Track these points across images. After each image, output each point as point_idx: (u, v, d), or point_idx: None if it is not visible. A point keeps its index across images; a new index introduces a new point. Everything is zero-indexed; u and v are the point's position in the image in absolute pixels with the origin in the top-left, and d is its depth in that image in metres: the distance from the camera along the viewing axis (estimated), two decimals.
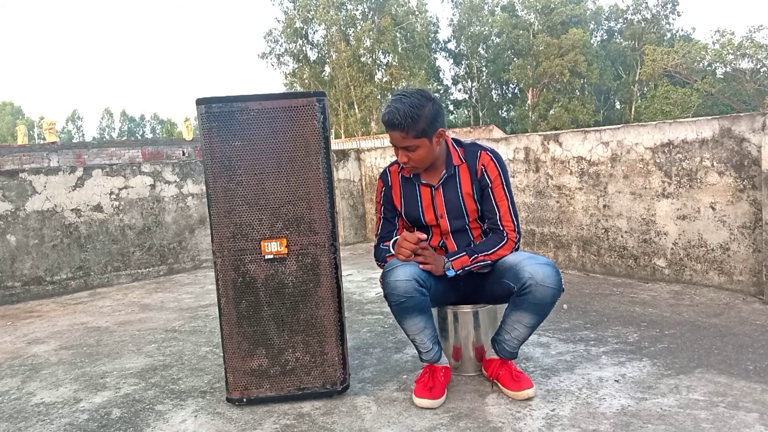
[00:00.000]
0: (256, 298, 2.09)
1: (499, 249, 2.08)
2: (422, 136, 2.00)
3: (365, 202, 6.18)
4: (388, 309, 2.80)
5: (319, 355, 2.12)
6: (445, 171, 2.13)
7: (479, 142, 2.34)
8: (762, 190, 3.04)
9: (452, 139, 2.17)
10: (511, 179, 2.57)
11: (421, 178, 2.17)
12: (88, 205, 4.63)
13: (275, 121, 2.03)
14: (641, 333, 2.68)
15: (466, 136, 19.85)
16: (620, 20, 41.19)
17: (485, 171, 2.11)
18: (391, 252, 2.13)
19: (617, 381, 2.15)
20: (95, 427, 2.06)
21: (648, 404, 1.94)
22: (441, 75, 43.87)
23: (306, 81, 37.26)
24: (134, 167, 4.86)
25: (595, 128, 3.95)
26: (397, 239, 2.10)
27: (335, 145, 21.82)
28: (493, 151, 2.14)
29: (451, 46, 43.38)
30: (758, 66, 29.94)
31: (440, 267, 2.04)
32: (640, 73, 35.40)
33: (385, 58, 36.79)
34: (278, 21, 38.68)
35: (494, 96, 44.03)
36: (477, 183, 2.12)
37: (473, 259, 2.07)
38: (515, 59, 37.64)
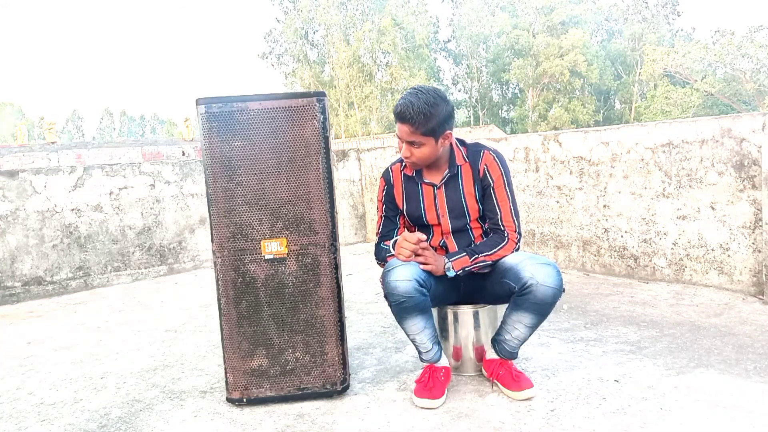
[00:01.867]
0: (256, 298, 2.09)
1: (499, 249, 2.08)
2: (430, 135, 2.00)
3: (365, 202, 6.18)
4: (388, 309, 2.80)
5: (319, 355, 2.12)
6: (447, 170, 2.13)
7: (482, 142, 2.34)
8: (762, 190, 3.04)
9: (456, 138, 2.17)
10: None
11: (423, 177, 2.17)
12: (88, 205, 4.63)
13: (275, 121, 2.03)
14: (641, 333, 2.68)
15: (466, 136, 19.84)
16: (620, 20, 41.20)
17: (488, 171, 2.11)
18: (391, 252, 2.13)
19: (617, 381, 2.15)
20: (95, 427, 2.06)
21: (648, 404, 1.94)
22: (441, 75, 43.86)
23: (306, 81, 37.29)
24: (134, 167, 4.86)
25: (595, 128, 3.95)
26: (397, 239, 2.10)
27: (335, 145, 21.81)
28: (495, 152, 2.14)
29: (451, 46, 43.40)
30: (758, 66, 29.95)
31: (440, 267, 2.04)
32: (640, 73, 35.44)
33: (385, 58, 36.81)
34: (278, 21, 38.68)
35: (494, 96, 44.05)
36: (479, 183, 2.12)
37: (474, 260, 2.07)
38: (515, 59, 37.63)
